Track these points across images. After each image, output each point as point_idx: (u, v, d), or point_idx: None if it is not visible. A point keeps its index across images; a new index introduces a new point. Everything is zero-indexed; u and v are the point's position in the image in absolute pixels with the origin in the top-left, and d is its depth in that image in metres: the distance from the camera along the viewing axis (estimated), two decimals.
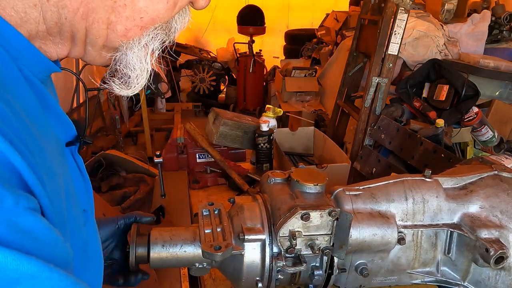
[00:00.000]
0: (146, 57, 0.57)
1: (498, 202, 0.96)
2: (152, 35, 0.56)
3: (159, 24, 0.56)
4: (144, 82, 0.59)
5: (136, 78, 0.58)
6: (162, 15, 0.54)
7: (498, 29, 2.91)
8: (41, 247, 0.37)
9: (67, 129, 0.61)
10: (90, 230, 0.60)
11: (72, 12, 0.50)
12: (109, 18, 0.52)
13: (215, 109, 1.90)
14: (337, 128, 3.00)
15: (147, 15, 0.53)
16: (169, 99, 5.25)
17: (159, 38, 0.57)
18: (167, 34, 0.58)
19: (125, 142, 4.41)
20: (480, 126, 2.13)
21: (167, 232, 0.93)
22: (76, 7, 0.50)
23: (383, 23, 2.20)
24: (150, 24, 0.54)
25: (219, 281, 1.18)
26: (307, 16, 6.68)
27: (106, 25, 0.52)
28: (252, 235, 0.91)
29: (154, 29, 0.55)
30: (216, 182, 1.84)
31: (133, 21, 0.53)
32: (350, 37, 3.35)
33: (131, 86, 0.59)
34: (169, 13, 0.55)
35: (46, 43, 0.53)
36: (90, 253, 0.58)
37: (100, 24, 0.52)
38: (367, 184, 1.03)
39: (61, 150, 0.58)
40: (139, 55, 0.56)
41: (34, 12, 0.48)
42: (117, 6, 0.51)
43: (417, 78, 2.39)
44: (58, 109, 0.58)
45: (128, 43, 0.55)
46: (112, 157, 3.00)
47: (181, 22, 0.60)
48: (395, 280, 1.04)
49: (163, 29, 0.57)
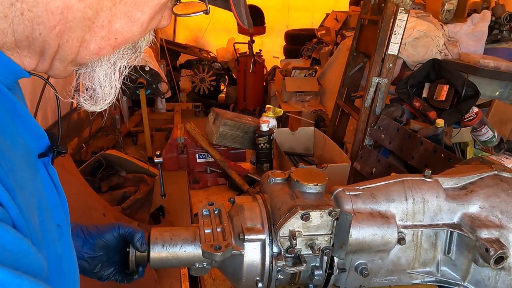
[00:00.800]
0: (115, 74, 0.58)
1: (498, 202, 0.96)
2: (122, 53, 0.58)
3: (130, 44, 0.58)
4: (112, 98, 0.60)
5: (104, 94, 0.59)
6: (136, 36, 0.56)
7: (498, 29, 2.91)
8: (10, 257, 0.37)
9: (39, 138, 0.59)
10: (65, 245, 0.59)
11: (48, 29, 0.50)
12: (84, 36, 0.52)
13: (215, 109, 1.90)
14: (337, 128, 3.00)
15: (121, 36, 0.55)
16: (169, 99, 5.25)
17: (127, 57, 0.59)
18: (134, 52, 0.61)
19: (125, 142, 4.41)
20: (480, 126, 2.13)
21: (167, 232, 0.93)
22: (54, 25, 0.49)
23: (383, 23, 2.20)
24: (123, 44, 0.56)
25: (219, 281, 1.18)
26: (307, 16, 6.68)
27: (79, 43, 0.53)
28: (252, 235, 0.91)
29: (124, 48, 0.58)
30: (216, 182, 1.84)
31: (108, 41, 0.54)
32: (350, 37, 3.35)
33: (99, 102, 0.60)
34: (141, 35, 0.57)
35: (13, 55, 0.52)
36: (65, 268, 0.57)
37: (74, 42, 0.52)
38: (367, 184, 1.03)
39: (33, 162, 0.56)
40: (107, 71, 0.58)
41: (4, 23, 0.47)
42: (94, 27, 0.52)
43: (417, 78, 2.39)
44: (29, 118, 0.56)
45: (98, 60, 0.56)
46: (112, 157, 3.00)
47: (147, 40, 0.62)
48: (395, 280, 1.04)
49: (130, 48, 0.59)
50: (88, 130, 3.88)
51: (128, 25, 0.54)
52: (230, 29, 6.18)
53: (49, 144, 0.60)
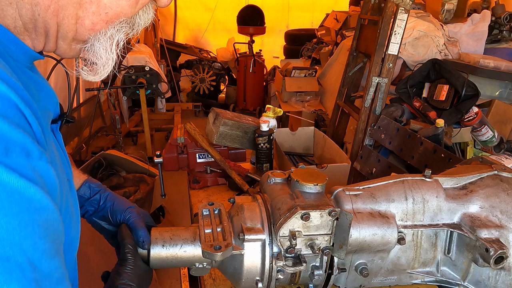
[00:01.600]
0: (112, 47, 0.63)
1: (498, 202, 0.97)
2: (117, 28, 0.62)
3: (124, 19, 0.62)
4: (109, 69, 0.65)
5: (103, 65, 0.64)
6: (126, 10, 0.60)
7: (498, 29, 2.92)
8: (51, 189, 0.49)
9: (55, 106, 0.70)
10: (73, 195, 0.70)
11: (44, 9, 0.56)
12: (77, 13, 0.58)
13: (215, 109, 1.90)
14: (337, 128, 3.00)
15: (111, 10, 0.59)
16: (169, 99, 5.25)
17: (123, 31, 0.63)
18: (131, 28, 0.65)
19: (125, 142, 4.41)
20: (480, 126, 2.14)
21: (167, 232, 0.93)
22: (48, 4, 0.55)
23: (383, 23, 2.20)
24: (115, 18, 0.60)
25: (219, 281, 1.18)
26: (307, 16, 6.69)
27: (75, 20, 0.58)
28: (252, 235, 0.91)
29: (119, 22, 0.61)
30: (216, 182, 1.83)
31: (99, 15, 0.59)
32: (350, 37, 3.35)
33: (97, 73, 0.65)
34: (132, 9, 0.61)
35: (24, 38, 0.58)
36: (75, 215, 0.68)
37: (70, 19, 0.58)
38: (367, 184, 1.03)
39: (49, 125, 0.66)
40: (105, 45, 0.62)
41: (10, 9, 0.54)
42: (84, 3, 0.57)
43: (417, 78, 2.39)
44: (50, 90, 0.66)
45: (95, 35, 0.61)
46: (112, 157, 3.00)
47: (145, 18, 0.66)
48: (395, 280, 1.04)
49: (127, 23, 0.63)
50: (88, 130, 3.88)
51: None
52: (230, 29, 6.19)
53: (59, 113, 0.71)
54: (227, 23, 6.42)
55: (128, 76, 4.09)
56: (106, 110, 4.59)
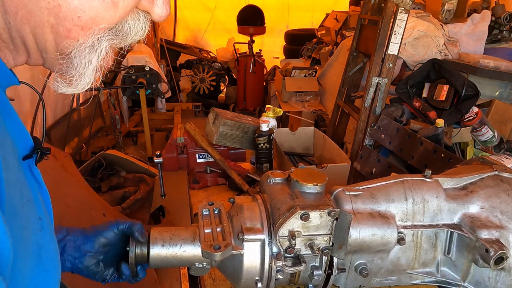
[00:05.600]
0: (91, 57, 0.57)
1: (498, 202, 0.96)
2: (98, 36, 0.55)
3: (104, 25, 0.55)
4: (88, 81, 0.59)
5: (79, 76, 0.58)
6: (103, 14, 0.54)
7: (498, 29, 2.92)
8: None
9: (25, 141, 0.61)
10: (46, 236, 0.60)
11: (13, 16, 0.51)
12: (49, 21, 0.52)
13: (215, 109, 1.90)
14: (337, 128, 3.00)
15: (84, 14, 0.53)
16: (169, 99, 5.25)
17: (108, 39, 0.57)
18: (119, 37, 0.58)
19: (125, 142, 4.41)
20: (480, 126, 2.13)
21: (167, 232, 0.93)
22: (15, 10, 0.51)
23: (383, 23, 2.20)
24: (92, 24, 0.54)
25: (219, 281, 1.18)
26: (307, 16, 6.69)
27: (50, 29, 0.53)
28: (251, 235, 0.91)
29: (100, 30, 0.55)
30: (216, 182, 1.83)
31: (71, 21, 0.53)
32: (350, 37, 3.35)
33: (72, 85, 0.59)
34: (111, 13, 0.54)
35: (2, 50, 0.54)
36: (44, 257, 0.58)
37: (43, 27, 0.53)
38: (367, 184, 1.03)
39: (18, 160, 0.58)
40: (85, 55, 0.56)
41: None
42: (52, 7, 0.51)
43: (417, 78, 2.39)
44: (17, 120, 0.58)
45: (75, 46, 0.55)
46: (112, 157, 3.00)
47: (136, 27, 0.59)
48: (395, 280, 1.04)
49: (112, 31, 0.57)
50: (88, 130, 3.88)
51: (87, 1, 0.52)
52: (230, 29, 6.19)
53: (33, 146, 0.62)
54: (227, 23, 6.42)
55: (128, 76, 4.09)
56: (106, 110, 4.58)
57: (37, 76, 2.20)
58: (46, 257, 0.59)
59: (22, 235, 0.51)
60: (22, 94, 2.70)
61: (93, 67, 0.58)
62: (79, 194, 1.94)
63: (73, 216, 1.66)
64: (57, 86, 0.60)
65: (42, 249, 0.58)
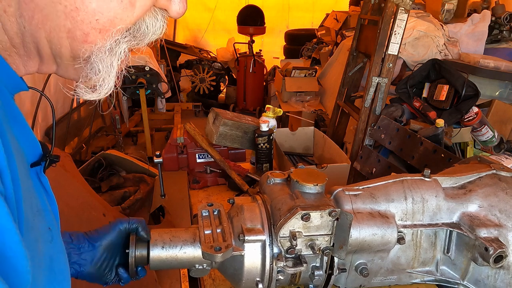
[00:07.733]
0: (112, 61, 0.55)
1: (497, 201, 0.97)
2: (116, 38, 0.53)
3: (122, 26, 0.53)
4: (111, 85, 0.57)
5: (103, 81, 0.56)
6: (121, 15, 0.52)
7: (498, 29, 2.92)
8: None
9: (33, 147, 0.60)
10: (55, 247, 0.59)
11: (28, 20, 0.49)
12: (65, 25, 0.50)
13: (215, 109, 1.90)
14: (337, 128, 3.00)
15: (102, 16, 0.51)
16: (169, 99, 5.24)
17: (126, 41, 0.55)
18: (137, 38, 0.56)
19: (125, 142, 4.41)
20: (480, 126, 2.14)
21: (167, 233, 0.93)
22: (31, 15, 0.49)
23: (383, 23, 2.20)
24: (110, 26, 0.52)
25: (219, 281, 1.18)
26: (307, 16, 6.69)
27: (66, 34, 0.51)
28: (252, 235, 0.91)
29: (117, 32, 0.53)
30: (216, 182, 1.84)
31: (89, 24, 0.51)
32: (350, 37, 3.35)
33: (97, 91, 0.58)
34: (129, 14, 0.52)
35: (11, 55, 0.52)
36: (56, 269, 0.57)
37: (59, 32, 0.51)
38: (367, 184, 1.03)
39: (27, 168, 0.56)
40: (105, 60, 0.54)
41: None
42: (69, 11, 0.49)
43: (417, 78, 2.39)
44: (26, 127, 0.56)
45: (93, 50, 0.53)
46: (112, 157, 3.00)
47: (154, 27, 0.57)
48: (395, 279, 1.04)
49: (129, 32, 0.55)
50: (88, 130, 3.88)
51: (105, 2, 0.50)
52: (230, 29, 6.19)
53: (42, 153, 0.61)
54: (227, 23, 6.42)
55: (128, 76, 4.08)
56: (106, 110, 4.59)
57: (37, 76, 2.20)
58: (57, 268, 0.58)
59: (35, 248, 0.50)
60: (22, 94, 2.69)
61: (115, 71, 0.56)
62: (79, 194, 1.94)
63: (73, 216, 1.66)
64: (82, 94, 0.58)
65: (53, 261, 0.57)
